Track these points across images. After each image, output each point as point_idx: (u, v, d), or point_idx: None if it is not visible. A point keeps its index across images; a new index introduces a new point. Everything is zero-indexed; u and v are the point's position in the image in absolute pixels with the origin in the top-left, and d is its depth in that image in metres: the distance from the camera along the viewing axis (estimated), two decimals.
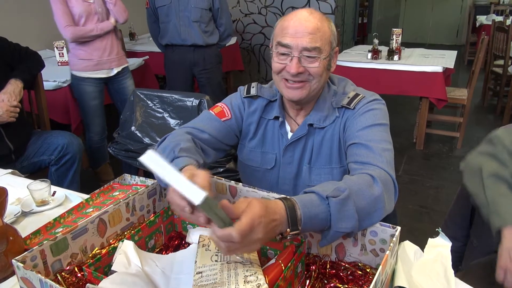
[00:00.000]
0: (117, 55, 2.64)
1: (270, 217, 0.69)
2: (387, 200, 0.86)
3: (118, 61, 2.67)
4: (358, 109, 1.09)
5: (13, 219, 1.18)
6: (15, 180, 1.46)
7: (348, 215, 0.78)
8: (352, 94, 1.12)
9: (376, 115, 1.07)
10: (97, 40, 2.53)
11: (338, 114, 1.12)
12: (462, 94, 3.45)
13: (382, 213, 0.83)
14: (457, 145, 3.56)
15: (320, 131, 1.14)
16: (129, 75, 2.79)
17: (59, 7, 2.39)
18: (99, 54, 2.56)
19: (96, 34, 2.49)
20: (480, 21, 6.35)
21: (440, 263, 0.89)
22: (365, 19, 6.98)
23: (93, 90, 2.62)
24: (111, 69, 2.64)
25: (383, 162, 0.94)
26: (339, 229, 0.78)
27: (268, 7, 5.09)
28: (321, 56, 1.03)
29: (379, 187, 0.85)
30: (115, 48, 2.63)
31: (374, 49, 3.45)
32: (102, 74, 2.62)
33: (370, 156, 0.96)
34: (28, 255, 0.75)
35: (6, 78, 1.88)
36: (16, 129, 1.95)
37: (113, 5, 2.50)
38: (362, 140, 1.01)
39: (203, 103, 1.74)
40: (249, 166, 1.24)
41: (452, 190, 2.87)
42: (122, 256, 0.80)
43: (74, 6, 2.41)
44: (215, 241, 0.68)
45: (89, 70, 2.57)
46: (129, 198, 0.95)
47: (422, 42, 8.35)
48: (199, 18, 2.86)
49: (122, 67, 2.70)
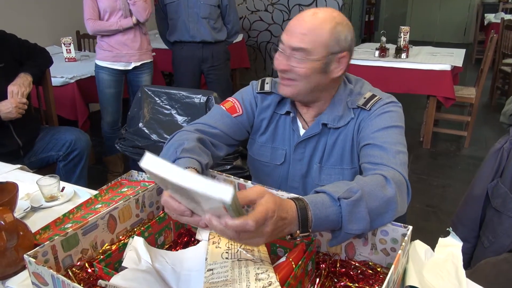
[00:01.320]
0: (139, 50, 2.71)
1: (280, 215, 0.68)
2: (399, 201, 0.85)
3: (139, 56, 2.74)
4: (374, 111, 1.07)
5: (23, 214, 1.19)
6: (24, 175, 1.47)
7: (359, 217, 0.77)
8: (369, 95, 1.10)
9: (392, 117, 1.05)
10: (118, 34, 2.63)
11: (354, 116, 1.10)
12: (470, 93, 3.43)
13: (394, 214, 0.82)
14: (465, 144, 3.53)
15: (334, 132, 1.12)
16: (148, 71, 2.84)
17: (86, 1, 2.56)
18: (118, 47, 2.65)
19: (115, 29, 2.59)
20: (489, 19, 6.29)
21: (451, 262, 0.88)
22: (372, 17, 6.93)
23: (109, 79, 2.71)
24: (129, 62, 2.71)
25: (396, 163, 0.93)
26: (350, 230, 0.77)
27: (274, 5, 5.07)
28: (309, 58, 1.00)
29: (392, 188, 0.84)
30: (137, 43, 2.70)
31: (382, 47, 3.42)
32: (120, 66, 2.70)
33: (384, 157, 0.95)
34: (40, 251, 0.75)
35: (15, 74, 1.89)
36: (24, 125, 1.96)
37: (132, 4, 2.57)
38: (377, 141, 1.00)
39: (210, 100, 1.74)
40: (258, 161, 1.24)
41: (459, 189, 2.85)
42: (133, 253, 0.80)
43: (100, 1, 2.55)
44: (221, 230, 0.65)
45: (107, 60, 2.67)
46: (139, 195, 0.95)
47: (429, 40, 8.28)
48: (208, 14, 2.86)
49: (142, 62, 2.76)
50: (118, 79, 2.75)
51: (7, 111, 1.80)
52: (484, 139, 3.70)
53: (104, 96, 2.75)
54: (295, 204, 0.73)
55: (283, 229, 0.71)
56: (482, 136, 3.75)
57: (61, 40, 3.24)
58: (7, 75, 1.87)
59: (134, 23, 2.64)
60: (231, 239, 0.67)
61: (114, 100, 2.78)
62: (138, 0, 2.56)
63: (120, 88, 2.80)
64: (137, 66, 2.76)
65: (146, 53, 2.79)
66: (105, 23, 2.59)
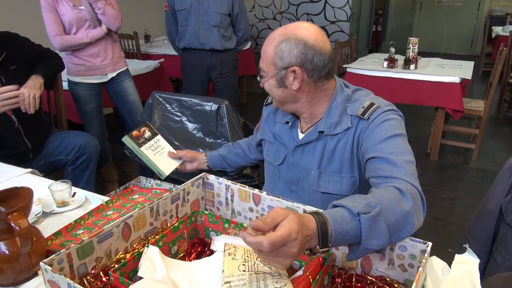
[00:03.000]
0: (112, 60, 2.55)
1: (304, 233, 0.68)
2: (416, 214, 0.84)
3: (113, 66, 2.58)
4: (372, 120, 1.07)
5: (35, 219, 1.18)
6: (35, 179, 1.47)
7: (379, 232, 0.76)
8: (367, 104, 1.10)
9: (392, 126, 1.04)
10: (89, 47, 2.45)
11: (351, 124, 1.10)
12: (478, 105, 3.41)
13: (412, 228, 0.81)
14: (472, 157, 3.51)
15: (333, 138, 1.14)
16: (127, 77, 2.68)
17: (48, 15, 2.33)
18: (92, 60, 2.48)
19: (86, 42, 2.41)
20: (496, 32, 6.28)
21: (469, 280, 0.87)
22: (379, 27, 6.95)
23: (87, 94, 2.55)
24: (105, 74, 2.56)
25: (407, 175, 0.92)
26: (369, 246, 0.76)
27: (283, 13, 5.10)
28: (266, 76, 1.13)
29: (408, 201, 0.83)
30: (110, 53, 2.54)
31: (390, 57, 3.42)
32: (95, 80, 2.55)
33: (393, 170, 0.94)
34: (56, 258, 0.74)
35: (27, 77, 1.90)
36: (34, 128, 1.96)
37: (101, 14, 2.38)
38: (382, 154, 0.98)
39: (222, 108, 1.74)
40: (266, 160, 1.34)
41: (467, 202, 2.83)
42: (148, 262, 0.80)
43: (64, 14, 2.34)
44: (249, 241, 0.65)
45: (81, 75, 2.51)
46: (154, 203, 0.94)
47: (435, 51, 8.29)
48: (219, 23, 2.87)
49: (117, 71, 2.61)
50: (96, 92, 2.59)
51: None
52: (492, 152, 3.68)
53: (85, 112, 2.59)
54: (314, 219, 0.72)
55: (305, 246, 0.70)
56: (489, 149, 3.73)
57: None
58: (19, 78, 1.88)
59: (105, 32, 2.44)
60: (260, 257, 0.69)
61: (97, 114, 2.63)
62: (105, 8, 2.37)
63: (100, 101, 2.64)
64: (114, 76, 2.59)
65: (119, 62, 2.62)
66: (74, 37, 2.38)
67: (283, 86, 1.11)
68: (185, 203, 1.04)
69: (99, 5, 2.35)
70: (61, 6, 2.33)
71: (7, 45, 1.88)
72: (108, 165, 2.81)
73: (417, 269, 0.81)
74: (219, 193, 1.07)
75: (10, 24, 2.56)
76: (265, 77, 1.14)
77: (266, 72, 1.12)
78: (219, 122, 1.75)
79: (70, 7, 2.34)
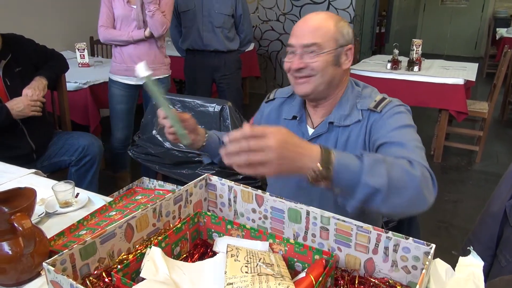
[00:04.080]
0: (151, 64, 2.53)
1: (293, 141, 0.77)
2: (424, 186, 0.85)
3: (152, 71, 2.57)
4: (385, 113, 1.10)
5: (38, 220, 1.19)
6: (38, 180, 1.47)
7: (379, 172, 0.80)
8: (379, 98, 1.14)
9: (404, 118, 1.09)
10: (131, 46, 2.48)
11: (362, 117, 1.13)
12: (482, 107, 3.40)
13: (415, 195, 0.84)
14: (476, 159, 3.49)
15: (344, 131, 1.14)
16: (164, 86, 2.64)
17: (103, 8, 2.46)
18: (131, 61, 2.49)
19: (126, 40, 2.45)
20: (501, 34, 6.26)
21: (473, 282, 0.86)
22: (383, 28, 6.94)
23: (120, 94, 2.58)
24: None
25: (418, 157, 0.94)
26: (367, 181, 0.79)
27: (286, 14, 5.10)
28: (322, 51, 1.08)
29: (416, 169, 0.86)
30: (151, 57, 2.52)
31: (394, 59, 3.42)
32: (131, 81, 2.55)
33: (404, 152, 0.96)
34: (58, 259, 0.74)
35: (31, 78, 1.91)
36: (38, 129, 1.97)
37: (150, 17, 2.38)
38: (394, 139, 1.02)
39: (225, 109, 1.74)
40: None
41: (471, 205, 2.81)
42: (150, 263, 0.80)
43: (116, 8, 2.43)
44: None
45: (119, 74, 2.55)
46: (156, 204, 0.94)
47: (439, 53, 8.27)
48: (222, 24, 2.88)
49: (155, 77, 2.52)
50: (131, 94, 2.61)
51: (19, 110, 1.80)
52: (495, 155, 3.66)
53: (115, 111, 2.63)
54: (319, 145, 0.80)
55: (297, 158, 0.77)
56: (493, 151, 3.71)
57: (75, 46, 3.28)
58: (24, 79, 1.89)
59: (146, 36, 2.45)
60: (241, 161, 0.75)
61: (125, 116, 2.64)
62: (156, 13, 2.37)
63: (132, 104, 2.65)
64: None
65: (160, 68, 2.62)
66: (115, 32, 2.46)
67: (337, 65, 1.11)
68: (188, 204, 1.04)
69: (152, 8, 2.36)
70: (116, 0, 2.41)
71: (12, 47, 1.89)
72: (125, 172, 2.80)
73: (420, 271, 0.81)
74: (222, 194, 1.07)
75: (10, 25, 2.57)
76: (319, 52, 1.08)
77: (323, 47, 1.08)
78: (222, 123, 1.75)
79: (123, 3, 2.41)
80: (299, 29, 1.11)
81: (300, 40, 1.09)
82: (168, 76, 2.71)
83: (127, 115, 2.65)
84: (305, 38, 1.09)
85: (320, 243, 0.91)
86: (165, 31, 2.47)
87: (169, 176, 1.94)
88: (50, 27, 3.74)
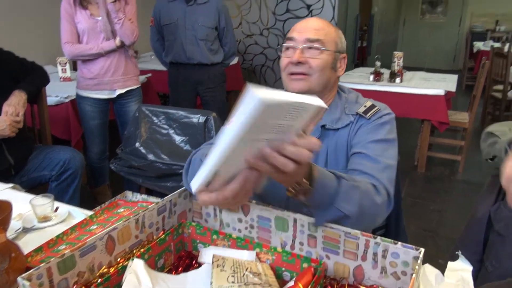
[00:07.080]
0: (123, 75, 2.46)
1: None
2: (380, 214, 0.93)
3: (124, 82, 2.49)
4: (373, 121, 1.11)
5: (14, 235, 1.14)
6: (16, 194, 1.42)
7: (353, 200, 0.83)
8: (369, 104, 1.15)
9: (388, 131, 1.10)
10: (100, 59, 2.40)
11: (353, 120, 1.13)
12: (463, 117, 3.47)
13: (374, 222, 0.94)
14: (459, 169, 3.54)
15: (333, 134, 1.14)
16: (136, 99, 2.59)
17: (64, 24, 2.35)
18: (101, 74, 2.41)
19: (96, 53, 2.37)
20: (478, 47, 6.46)
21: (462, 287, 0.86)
22: (364, 43, 7.08)
23: (92, 110, 2.50)
24: (113, 90, 2.47)
25: (383, 177, 0.98)
26: (340, 207, 0.82)
27: (270, 29, 5.15)
28: (324, 48, 1.09)
29: (380, 197, 0.91)
30: (122, 68, 2.46)
31: (376, 71, 3.47)
32: (103, 95, 2.48)
33: (374, 169, 0.99)
34: (34, 273, 0.71)
35: (11, 91, 1.86)
36: (17, 144, 1.92)
37: (119, 26, 2.33)
38: (370, 153, 1.04)
39: (209, 120, 1.72)
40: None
41: (455, 214, 2.84)
42: (132, 276, 0.76)
43: (79, 22, 2.34)
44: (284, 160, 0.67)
45: (89, 89, 2.46)
46: (139, 215, 0.91)
47: (420, 66, 8.45)
48: (206, 36, 2.87)
49: (127, 88, 2.52)
50: (103, 109, 2.53)
51: (1, 129, 1.76)
52: (477, 164, 3.72)
53: (89, 127, 2.54)
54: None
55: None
56: (475, 161, 3.76)
57: (57, 60, 3.23)
58: (2, 92, 1.84)
59: (118, 45, 2.39)
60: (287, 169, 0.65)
61: (100, 131, 2.57)
62: (125, 21, 2.32)
63: (106, 118, 2.57)
64: (122, 94, 2.50)
65: (131, 79, 2.53)
66: (83, 46, 2.36)
67: (333, 68, 1.13)
68: (172, 215, 1.01)
69: (120, 15, 2.32)
70: (78, 14, 2.34)
71: None
72: (104, 186, 2.74)
73: (410, 277, 0.80)
74: None
75: None
76: (322, 49, 1.09)
77: (326, 45, 1.10)
78: (206, 134, 1.73)
79: (87, 16, 2.34)
80: (302, 26, 1.12)
81: (304, 34, 1.09)
82: (139, 87, 2.64)
83: (102, 130, 2.59)
84: (310, 33, 1.09)
85: (308, 251, 0.89)
86: (136, 38, 2.43)
87: (153, 189, 1.91)
88: (32, 41, 3.68)
